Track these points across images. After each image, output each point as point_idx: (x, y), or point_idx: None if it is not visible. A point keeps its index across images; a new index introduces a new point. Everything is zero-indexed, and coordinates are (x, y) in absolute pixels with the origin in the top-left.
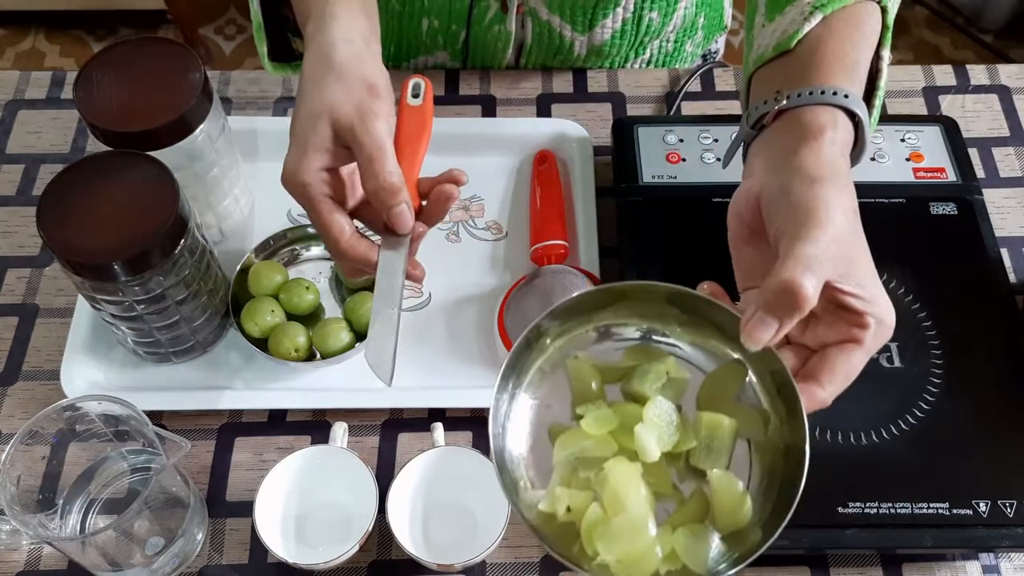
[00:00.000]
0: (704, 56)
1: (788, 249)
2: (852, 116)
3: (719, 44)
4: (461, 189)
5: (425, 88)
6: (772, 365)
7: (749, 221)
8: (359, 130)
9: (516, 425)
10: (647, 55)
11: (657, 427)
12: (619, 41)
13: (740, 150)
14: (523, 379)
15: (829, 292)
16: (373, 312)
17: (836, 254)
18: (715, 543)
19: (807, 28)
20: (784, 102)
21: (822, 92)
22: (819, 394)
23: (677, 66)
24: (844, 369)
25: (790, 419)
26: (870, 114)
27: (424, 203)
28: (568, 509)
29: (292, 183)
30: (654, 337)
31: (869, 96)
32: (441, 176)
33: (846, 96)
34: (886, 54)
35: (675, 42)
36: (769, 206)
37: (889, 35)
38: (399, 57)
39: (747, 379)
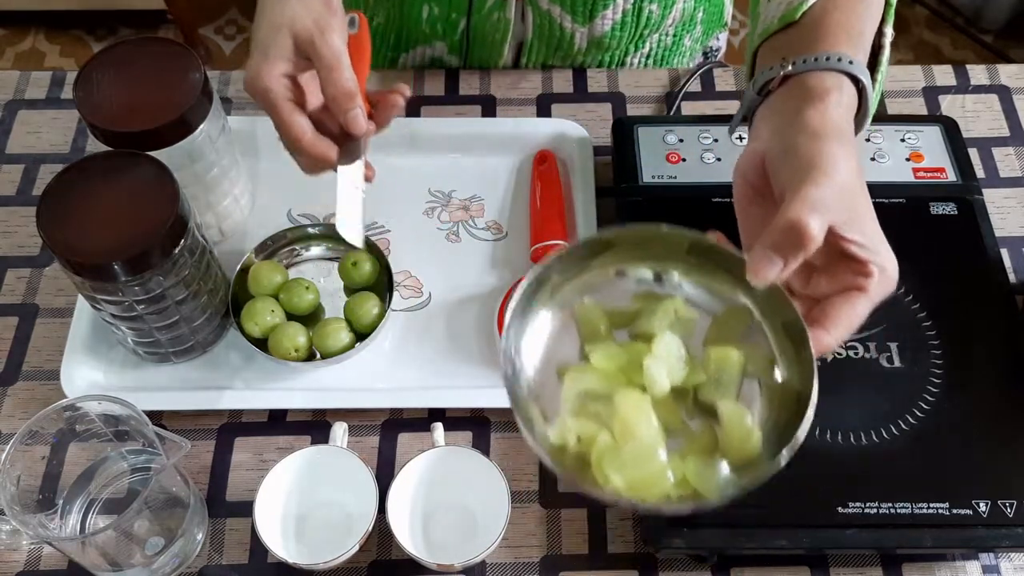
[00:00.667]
0: (705, 53)
1: (794, 193)
2: (856, 84)
3: (720, 42)
4: (460, 188)
5: (360, 21)
6: (779, 308)
7: (754, 182)
8: (319, 42)
9: (526, 365)
10: (646, 48)
11: (666, 360)
12: (619, 33)
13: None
14: (532, 322)
15: (832, 240)
16: (338, 194)
17: (840, 202)
18: (724, 473)
19: (812, 0)
20: (790, 67)
21: (827, 58)
22: (824, 339)
23: (676, 61)
24: (848, 316)
25: (797, 361)
26: (873, 86)
27: (373, 111)
28: (579, 439)
29: (255, 88)
30: (663, 279)
31: (872, 71)
32: (388, 89)
33: (851, 62)
34: (888, 31)
35: (674, 36)
36: (775, 163)
37: (891, 12)
38: (398, 47)
39: (754, 321)
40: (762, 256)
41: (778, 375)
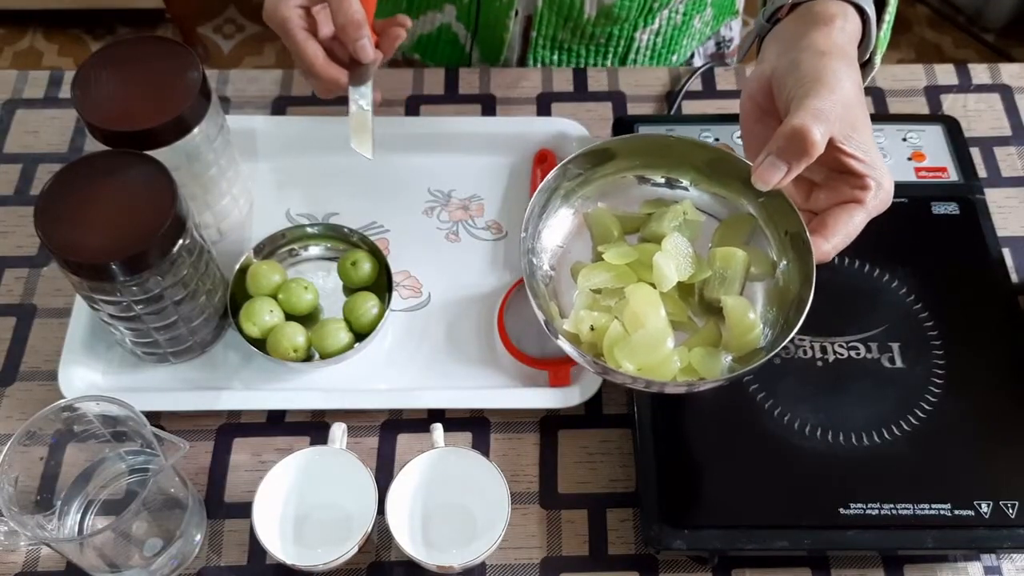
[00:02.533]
0: (718, 43)
1: (798, 104)
2: (861, 15)
3: (733, 32)
4: (461, 188)
5: None
6: (783, 217)
7: (760, 101)
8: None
9: (544, 264)
10: (656, 25)
11: (674, 257)
12: (628, 3)
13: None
14: (546, 226)
15: (832, 155)
16: (350, 115)
17: (842, 115)
18: (726, 362)
19: None
20: None
21: None
22: (823, 246)
23: (685, 42)
24: (846, 225)
25: (798, 267)
26: (879, 30)
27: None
28: (592, 329)
29: (273, 17)
30: (672, 186)
31: (880, 11)
32: (390, 20)
33: None
34: None
35: (684, 14)
36: (780, 80)
37: None
38: (410, 10)
39: (758, 228)
40: (768, 163)
41: (779, 279)
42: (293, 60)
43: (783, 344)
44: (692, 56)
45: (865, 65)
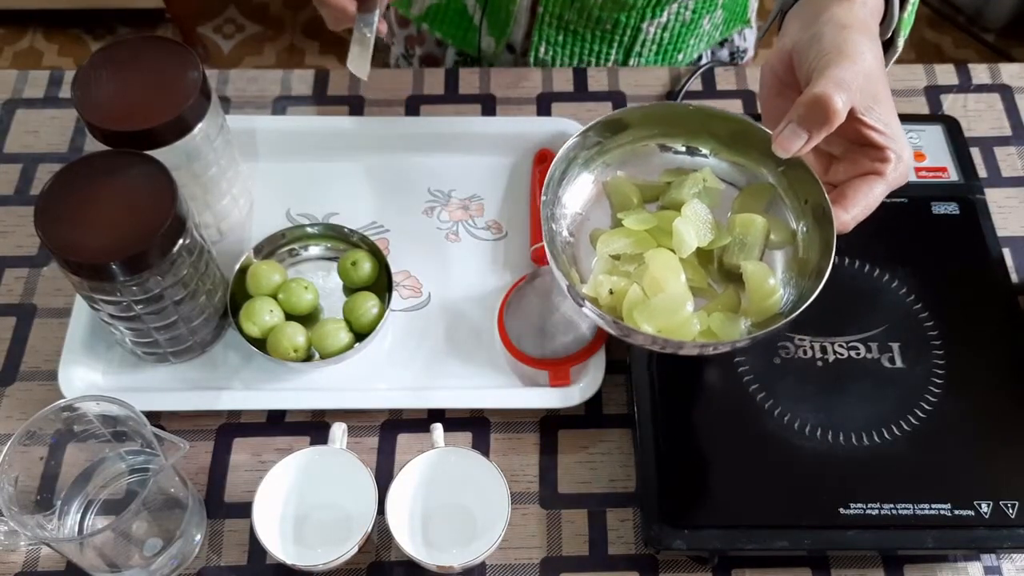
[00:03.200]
0: (732, 53)
1: (820, 73)
2: None
3: (748, 42)
4: (460, 188)
5: None
6: (804, 186)
7: (781, 75)
8: None
9: (563, 231)
10: (664, 18)
11: (694, 223)
12: None
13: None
14: (566, 193)
15: (853, 127)
16: (354, 35)
17: (863, 86)
18: (746, 327)
19: None
20: None
21: None
22: (843, 216)
23: (693, 42)
24: (866, 196)
25: (818, 236)
26: (903, 11)
27: None
28: (611, 293)
29: None
30: (692, 154)
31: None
32: None
33: None
34: None
35: (693, 12)
36: (802, 52)
37: None
38: None
39: (777, 197)
40: (789, 131)
41: (799, 247)
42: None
43: (801, 310)
44: (699, 59)
45: (888, 47)
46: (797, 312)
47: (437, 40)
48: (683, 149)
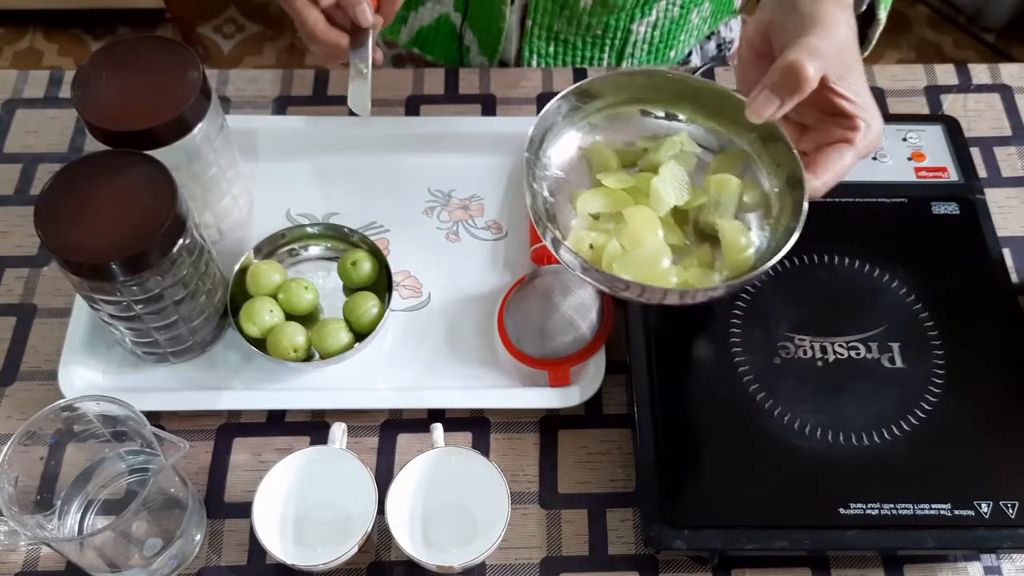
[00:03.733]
0: (719, 45)
1: (794, 42)
2: None
3: (734, 32)
4: (460, 188)
5: None
6: (777, 151)
7: (758, 46)
8: None
9: (544, 193)
10: (653, 17)
11: (671, 182)
12: None
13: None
14: (549, 149)
15: (824, 95)
16: (351, 72)
17: (836, 56)
18: (720, 281)
19: None
20: None
21: None
22: (814, 183)
23: (684, 38)
24: (836, 164)
25: (790, 200)
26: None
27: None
28: (591, 247)
29: None
30: (670, 119)
31: None
32: None
33: None
34: None
35: (681, 7)
36: (778, 23)
37: None
38: (408, 5)
39: (751, 162)
40: (763, 97)
41: (772, 209)
42: (296, 28)
43: (770, 264)
44: (690, 54)
45: (870, 22)
46: (767, 265)
47: (427, 61)
48: (662, 115)
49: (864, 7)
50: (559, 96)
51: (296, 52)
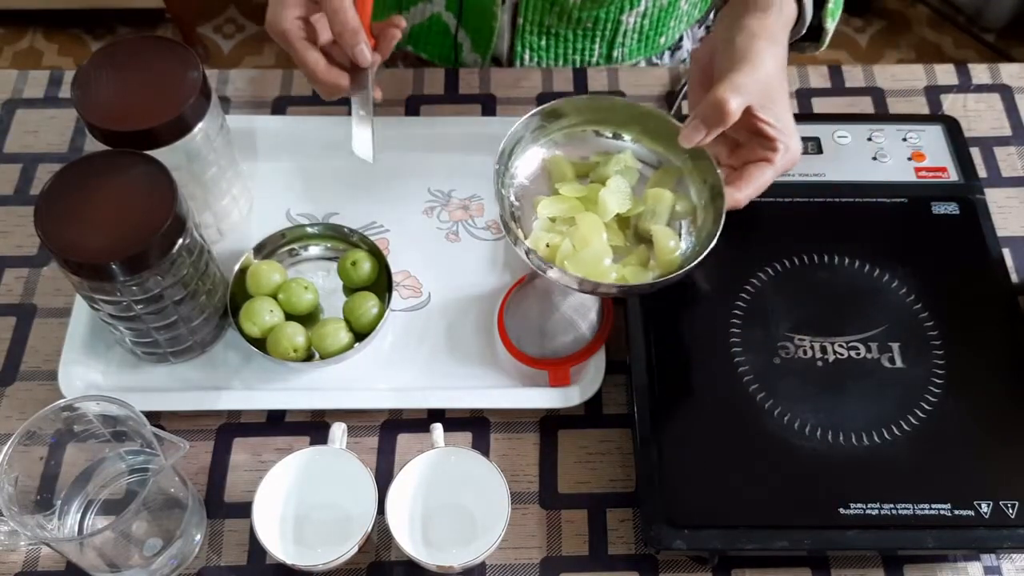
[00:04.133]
0: (708, 28)
1: (722, 77)
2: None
3: None
4: (460, 188)
5: None
6: (705, 170)
7: (704, 67)
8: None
9: (511, 199)
10: (642, 7)
11: (615, 193)
12: None
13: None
14: (513, 168)
15: (750, 120)
16: (353, 117)
17: (761, 88)
18: (651, 278)
19: None
20: None
21: None
22: (736, 195)
23: (674, 24)
24: (757, 179)
25: (712, 211)
26: (825, 5)
27: (376, 41)
28: (547, 246)
29: (274, 30)
30: (617, 140)
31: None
32: (386, 22)
33: None
34: None
35: None
36: (718, 53)
37: None
38: (399, 5)
39: (684, 178)
40: (692, 126)
41: (698, 218)
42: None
43: (692, 266)
44: (681, 39)
45: (819, 34)
46: (689, 267)
47: (419, 58)
48: (611, 135)
49: (804, 31)
50: (527, 116)
51: None
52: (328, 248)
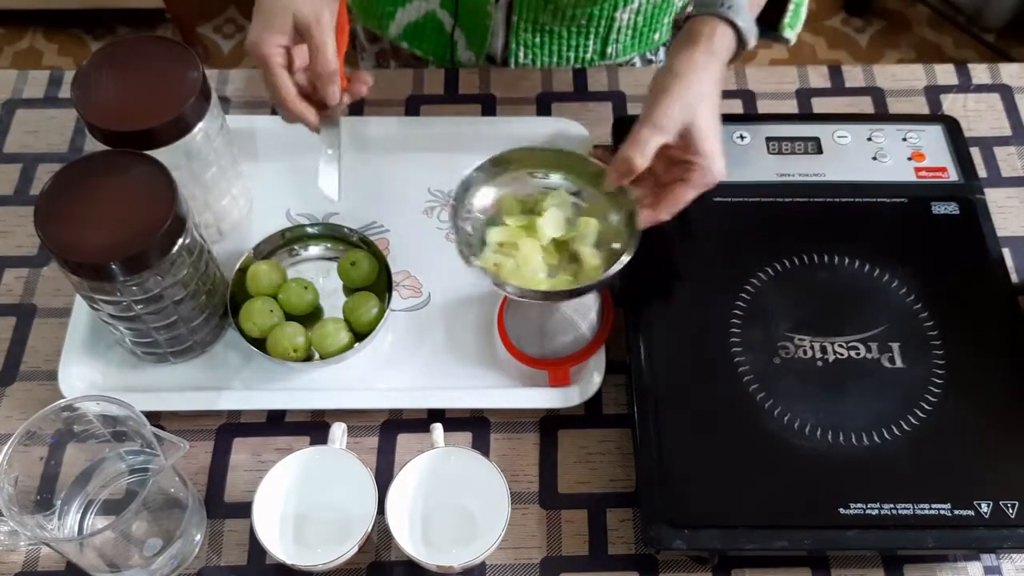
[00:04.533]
0: None
1: (635, 127)
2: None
3: None
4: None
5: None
6: (625, 201)
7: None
8: (314, 30)
9: (467, 229)
10: (635, 4)
11: (551, 222)
12: None
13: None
14: (472, 199)
15: (669, 151)
16: (321, 157)
17: (677, 123)
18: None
19: None
20: (689, 10)
21: (711, 4)
22: (660, 215)
23: (667, 20)
24: (676, 199)
25: (629, 235)
26: (783, 18)
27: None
28: (495, 265)
29: (256, 52)
30: (558, 180)
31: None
32: (356, 74)
33: (729, 7)
34: None
35: None
36: (651, 85)
37: None
38: (396, 1)
39: (609, 208)
40: (609, 176)
41: (622, 242)
42: (265, 88)
43: (606, 276)
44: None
45: (778, 37)
46: (604, 277)
47: (414, 55)
48: (549, 177)
49: (752, 45)
50: (480, 163)
51: None
52: (328, 248)
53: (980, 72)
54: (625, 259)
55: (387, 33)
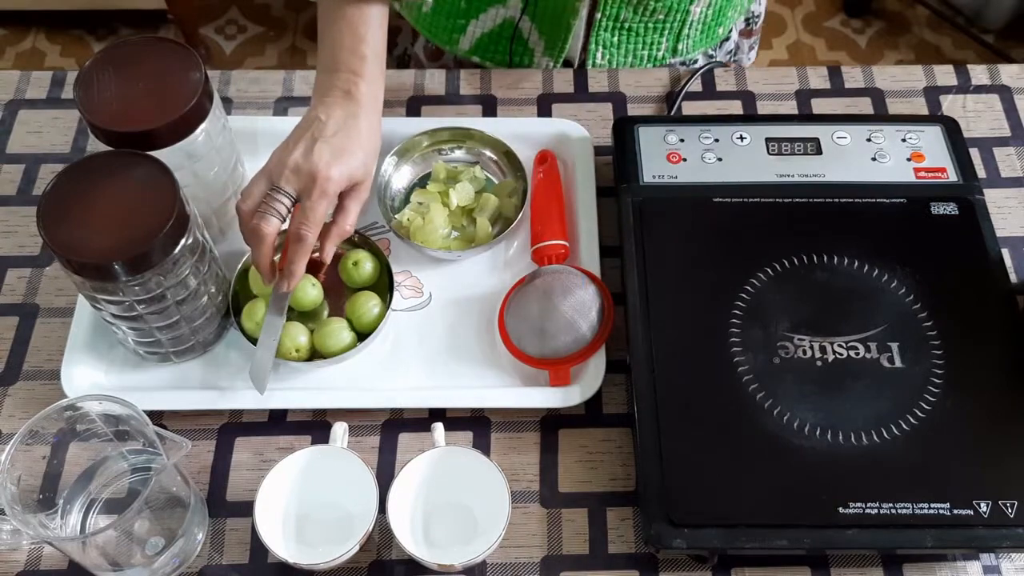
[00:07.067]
0: (747, 19)
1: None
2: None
3: (761, 7)
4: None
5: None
6: (517, 187)
7: None
8: (353, 202)
9: (393, 193)
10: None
11: (460, 192)
12: None
13: None
14: (399, 172)
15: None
16: (258, 345)
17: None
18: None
19: None
20: None
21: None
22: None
23: (732, 13)
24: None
25: (518, 201)
26: None
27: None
28: (409, 221)
29: (327, 185)
30: (473, 157)
31: None
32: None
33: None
34: None
35: None
36: None
37: None
38: (468, 13)
39: (515, 188)
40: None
41: (513, 213)
42: (244, 241)
43: (490, 242)
44: (731, 30)
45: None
46: (495, 239)
47: (477, 64)
48: (459, 150)
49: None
50: (427, 129)
51: (297, 53)
52: None
53: (979, 73)
54: (513, 223)
55: (456, 48)
